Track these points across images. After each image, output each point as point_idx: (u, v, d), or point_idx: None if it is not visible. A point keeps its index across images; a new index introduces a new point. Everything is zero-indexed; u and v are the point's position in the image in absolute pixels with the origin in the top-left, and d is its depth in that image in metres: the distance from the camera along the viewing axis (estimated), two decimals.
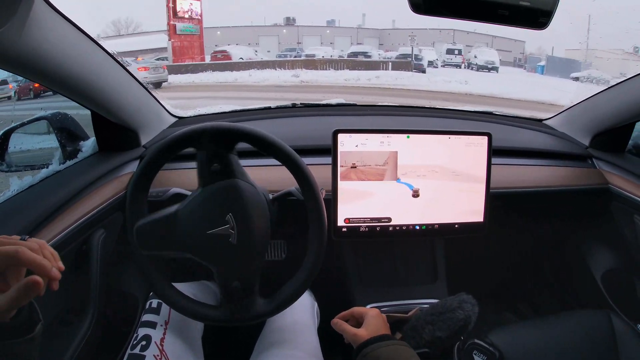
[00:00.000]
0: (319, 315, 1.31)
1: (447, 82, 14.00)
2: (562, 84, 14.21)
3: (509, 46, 26.38)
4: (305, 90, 13.37)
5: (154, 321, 1.05)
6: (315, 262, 0.96)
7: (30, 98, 15.30)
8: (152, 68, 14.03)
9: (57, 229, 1.04)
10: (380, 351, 0.84)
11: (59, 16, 0.92)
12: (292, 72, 16.38)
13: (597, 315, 1.27)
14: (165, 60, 20.83)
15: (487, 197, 1.32)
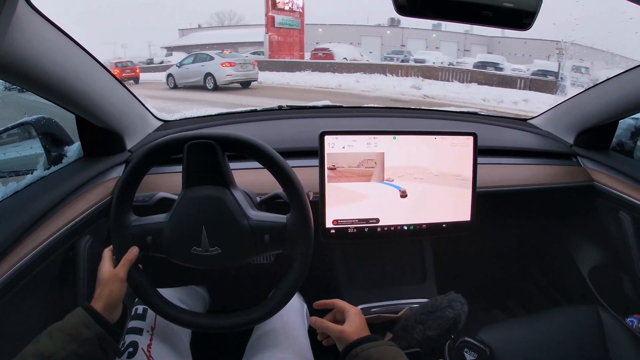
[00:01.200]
0: (308, 317, 1.31)
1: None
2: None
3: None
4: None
5: (140, 327, 1.05)
6: (303, 265, 0.95)
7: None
8: (240, 64, 13.56)
9: (43, 236, 1.03)
10: (371, 352, 0.83)
11: (42, 19, 0.91)
12: (409, 82, 13.92)
13: (585, 310, 1.29)
14: (261, 54, 20.32)
15: (473, 197, 1.33)
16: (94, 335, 0.81)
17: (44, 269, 1.01)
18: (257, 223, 0.93)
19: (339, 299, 1.00)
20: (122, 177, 0.94)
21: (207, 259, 0.93)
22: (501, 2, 0.87)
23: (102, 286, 0.89)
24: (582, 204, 1.64)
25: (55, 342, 0.77)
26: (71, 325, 0.81)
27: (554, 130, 1.76)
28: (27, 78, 0.93)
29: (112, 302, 0.88)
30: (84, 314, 0.83)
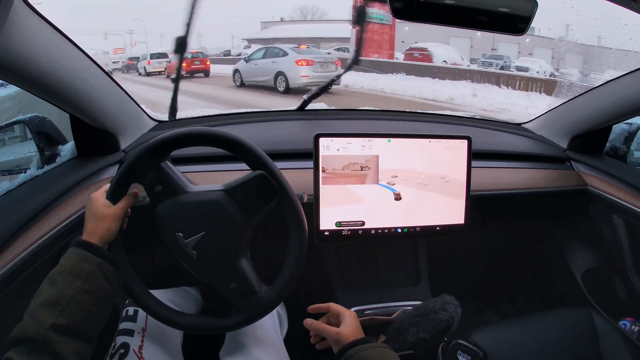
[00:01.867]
0: (281, 316, 1.32)
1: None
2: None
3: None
4: None
5: (131, 329, 1.04)
6: (296, 267, 0.95)
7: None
8: (319, 62, 11.08)
9: (36, 235, 1.03)
10: (366, 353, 0.83)
11: (38, 18, 0.91)
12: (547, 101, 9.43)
13: (578, 313, 1.29)
14: (346, 51, 17.90)
15: (467, 200, 1.33)
16: (96, 267, 0.82)
17: (36, 269, 1.01)
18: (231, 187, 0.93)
19: (333, 303, 1.00)
20: (116, 176, 0.94)
21: (180, 252, 0.93)
22: (496, 7, 0.89)
23: (97, 221, 0.89)
24: (576, 207, 1.65)
25: (59, 285, 0.78)
26: (70, 265, 0.81)
27: (547, 135, 1.77)
28: (22, 76, 0.93)
29: (107, 239, 0.89)
30: (80, 251, 0.83)
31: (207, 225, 0.92)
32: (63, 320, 0.74)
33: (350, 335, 0.89)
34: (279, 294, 0.96)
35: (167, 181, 0.94)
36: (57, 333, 0.73)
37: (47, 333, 0.72)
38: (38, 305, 0.76)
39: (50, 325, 0.73)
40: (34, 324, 0.73)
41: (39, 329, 0.72)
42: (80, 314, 0.77)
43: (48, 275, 0.80)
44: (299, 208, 0.95)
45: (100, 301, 0.82)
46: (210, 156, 1.37)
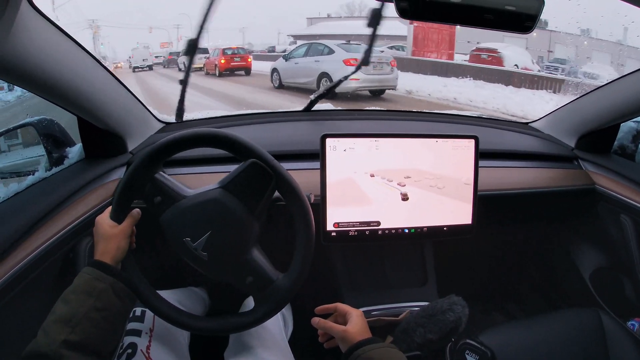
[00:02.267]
0: (289, 322, 1.32)
1: None
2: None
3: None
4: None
5: (138, 329, 1.05)
6: (303, 267, 0.96)
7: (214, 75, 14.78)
8: (371, 63, 8.61)
9: (44, 237, 1.03)
10: (372, 353, 0.83)
11: (45, 21, 0.92)
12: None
13: (586, 313, 1.29)
14: (400, 50, 16.28)
15: (474, 200, 1.33)
16: (107, 286, 0.83)
17: (44, 271, 1.01)
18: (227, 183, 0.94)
19: (340, 303, 1.00)
20: (124, 178, 0.95)
21: (192, 257, 0.94)
22: (503, 6, 0.89)
23: (105, 241, 0.90)
24: (584, 207, 1.64)
25: (72, 304, 0.79)
26: (83, 284, 0.83)
27: (555, 134, 1.75)
28: (29, 79, 0.94)
29: (118, 258, 0.90)
30: (93, 270, 0.85)
31: (211, 224, 0.92)
32: (75, 337, 0.76)
33: (357, 334, 0.90)
34: (297, 279, 0.96)
35: (164, 191, 0.94)
36: (69, 349, 0.74)
37: (59, 349, 0.73)
38: (51, 322, 0.77)
39: (62, 341, 0.74)
40: (47, 340, 0.74)
41: (52, 344, 0.74)
42: (92, 331, 0.78)
43: (62, 295, 0.82)
44: (297, 186, 0.96)
45: (111, 318, 0.83)
46: (206, 158, 1.38)
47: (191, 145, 0.94)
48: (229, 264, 0.95)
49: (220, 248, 0.93)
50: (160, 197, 0.94)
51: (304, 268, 0.96)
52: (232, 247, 0.94)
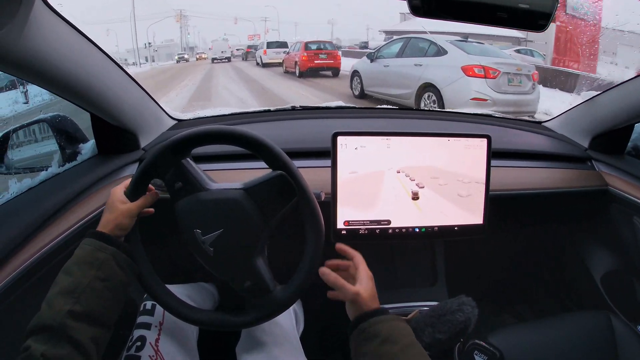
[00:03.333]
0: (298, 315, 1.32)
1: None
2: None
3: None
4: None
5: (148, 322, 1.07)
6: (302, 283, 0.95)
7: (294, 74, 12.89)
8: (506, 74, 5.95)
9: (56, 232, 1.05)
10: (379, 327, 0.82)
11: (58, 18, 0.93)
12: None
13: (596, 316, 1.27)
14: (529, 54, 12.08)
15: (486, 199, 1.32)
16: (109, 256, 0.84)
17: (55, 265, 1.01)
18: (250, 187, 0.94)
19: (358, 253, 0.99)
20: (136, 173, 0.95)
21: (198, 249, 0.94)
22: (516, 3, 0.88)
23: (109, 213, 0.91)
24: (596, 208, 1.62)
25: (74, 275, 0.80)
26: (84, 255, 0.84)
27: (568, 134, 1.74)
28: (43, 76, 0.95)
29: (118, 233, 0.90)
30: (94, 241, 0.85)
31: (225, 223, 0.92)
32: (79, 307, 0.76)
33: (367, 300, 0.88)
34: (293, 293, 0.96)
35: (187, 178, 0.94)
36: (74, 319, 0.75)
37: (64, 320, 0.74)
38: (55, 294, 0.78)
39: (66, 312, 0.75)
40: (51, 312, 0.75)
41: (56, 316, 0.74)
42: (96, 301, 0.79)
43: (64, 267, 0.82)
44: (317, 209, 0.95)
45: (114, 288, 0.84)
46: (227, 154, 1.38)
47: (224, 141, 0.94)
48: (232, 264, 0.95)
49: (227, 248, 0.93)
50: (182, 184, 0.94)
51: (303, 284, 0.95)
52: (239, 250, 0.94)
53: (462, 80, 5.92)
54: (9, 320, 0.91)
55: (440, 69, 6.27)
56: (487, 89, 5.83)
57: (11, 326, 0.90)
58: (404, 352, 0.78)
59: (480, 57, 6.15)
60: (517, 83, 6.11)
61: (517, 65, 6.31)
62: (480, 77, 5.86)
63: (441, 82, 6.12)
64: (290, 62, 13.74)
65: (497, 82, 5.89)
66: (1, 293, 0.89)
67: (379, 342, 0.79)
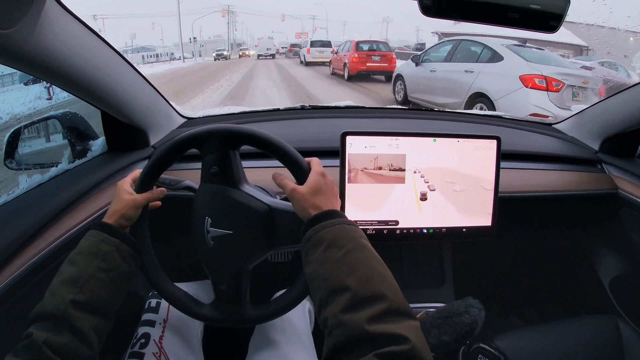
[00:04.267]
0: (312, 315, 1.31)
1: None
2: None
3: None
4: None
5: (152, 320, 1.07)
6: (293, 301, 0.95)
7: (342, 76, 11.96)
8: (570, 87, 5.18)
9: (65, 227, 1.06)
10: (324, 232, 0.78)
11: (70, 16, 0.93)
12: None
13: (604, 321, 1.27)
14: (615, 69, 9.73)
15: (495, 201, 1.31)
16: (113, 248, 0.85)
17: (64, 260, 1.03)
18: (276, 208, 0.92)
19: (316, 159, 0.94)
20: (144, 170, 0.96)
21: (199, 235, 0.93)
22: (527, 4, 0.87)
23: (117, 203, 0.91)
24: (606, 212, 1.61)
25: (78, 265, 0.81)
26: (88, 246, 0.84)
27: (579, 136, 1.72)
28: (55, 73, 0.95)
29: (123, 223, 0.90)
30: (98, 232, 0.86)
31: (236, 227, 0.92)
32: (82, 297, 0.77)
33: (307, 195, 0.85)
34: (262, 317, 0.97)
35: (226, 168, 0.93)
36: (76, 308, 0.75)
37: (67, 308, 0.74)
38: (58, 283, 0.78)
39: (70, 301, 0.75)
40: (54, 300, 0.75)
41: (59, 304, 0.75)
42: (99, 291, 0.80)
43: (68, 257, 0.83)
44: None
45: (117, 279, 0.84)
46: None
47: (257, 145, 0.91)
48: (221, 264, 0.95)
49: (226, 248, 0.93)
50: (218, 170, 0.93)
51: (275, 313, 0.96)
52: (234, 255, 0.94)
53: (520, 91, 5.19)
54: (18, 313, 0.90)
55: (494, 77, 5.57)
56: (549, 104, 5.03)
57: (20, 318, 0.89)
58: (348, 256, 0.74)
59: (542, 65, 5.35)
60: (583, 98, 5.26)
61: (584, 77, 5.44)
62: (542, 89, 5.10)
63: (495, 93, 5.43)
64: (338, 63, 12.76)
65: (561, 96, 5.10)
66: (11, 286, 0.89)
67: (324, 248, 0.76)
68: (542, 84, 5.07)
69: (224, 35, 40.11)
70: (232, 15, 39.55)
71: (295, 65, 17.77)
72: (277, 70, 16.48)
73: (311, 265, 0.77)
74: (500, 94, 5.33)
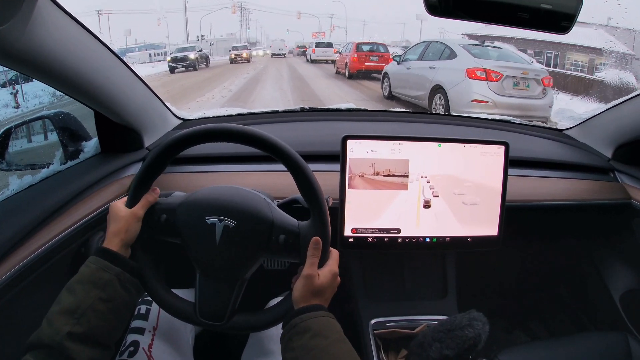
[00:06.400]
0: None
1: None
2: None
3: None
4: None
5: (142, 327, 1.05)
6: (277, 319, 0.93)
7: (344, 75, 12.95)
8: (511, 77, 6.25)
9: (56, 230, 1.04)
10: (311, 322, 0.80)
11: (63, 14, 0.92)
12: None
13: (613, 337, 1.24)
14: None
15: (502, 210, 1.27)
16: (113, 277, 0.82)
17: (55, 264, 1.02)
18: (277, 220, 0.91)
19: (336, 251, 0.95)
20: (139, 173, 0.93)
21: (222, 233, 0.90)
22: (538, 3, 0.86)
23: (116, 222, 0.88)
24: (618, 222, 1.56)
25: (77, 294, 0.78)
26: (89, 274, 0.81)
27: (591, 143, 1.68)
28: (47, 72, 0.95)
29: (127, 241, 0.88)
30: (99, 259, 0.83)
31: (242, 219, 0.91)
32: (79, 329, 0.75)
33: (299, 299, 0.85)
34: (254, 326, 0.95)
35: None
36: (73, 341, 0.73)
37: (63, 341, 0.72)
38: (56, 313, 0.76)
39: (66, 334, 0.73)
40: (51, 331, 0.74)
41: (55, 336, 0.73)
42: (97, 322, 0.77)
43: (67, 284, 0.81)
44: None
45: (116, 309, 0.82)
46: (215, 157, 1.39)
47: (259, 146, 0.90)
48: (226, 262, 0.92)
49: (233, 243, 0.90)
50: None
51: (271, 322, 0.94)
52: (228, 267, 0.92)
53: (464, 82, 6.23)
54: (7, 316, 0.91)
55: (448, 72, 6.61)
56: (489, 92, 6.10)
57: (9, 322, 0.91)
58: (333, 346, 0.77)
59: (485, 60, 6.44)
60: (524, 87, 6.30)
61: (523, 69, 6.44)
62: (482, 80, 6.15)
63: (448, 84, 6.46)
64: (341, 63, 13.60)
65: (500, 85, 6.15)
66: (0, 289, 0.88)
67: (310, 336, 0.78)
68: (482, 75, 6.15)
69: (238, 33, 40.23)
70: (245, 12, 39.58)
71: (302, 63, 20.71)
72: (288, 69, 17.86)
73: (294, 352, 0.78)
74: (451, 85, 6.42)
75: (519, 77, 6.26)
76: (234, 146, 0.92)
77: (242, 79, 13.92)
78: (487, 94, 6.08)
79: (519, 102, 6.19)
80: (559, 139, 1.75)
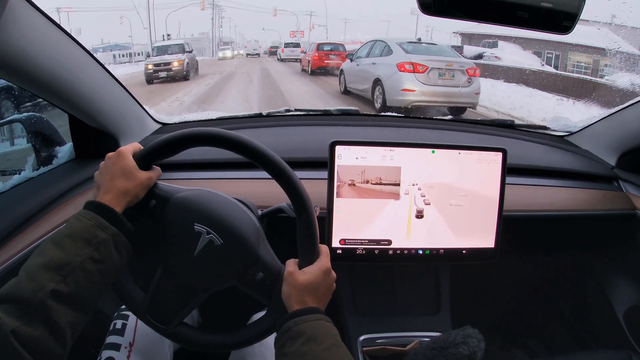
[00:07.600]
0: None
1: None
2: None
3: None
4: None
5: (118, 343, 1.02)
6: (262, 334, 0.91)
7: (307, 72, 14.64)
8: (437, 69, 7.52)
9: (29, 240, 1.03)
10: (304, 326, 0.78)
11: (36, 12, 0.90)
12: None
13: (616, 355, 1.22)
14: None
15: (499, 221, 1.23)
16: (109, 237, 0.77)
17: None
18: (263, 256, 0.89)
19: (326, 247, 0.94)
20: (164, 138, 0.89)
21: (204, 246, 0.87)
22: (539, 2, 0.85)
23: (130, 180, 0.84)
24: (622, 234, 1.51)
25: (66, 249, 0.73)
26: (82, 229, 0.76)
27: (594, 149, 1.64)
28: (19, 73, 0.94)
29: (130, 205, 0.84)
30: (95, 215, 0.77)
31: None
32: (65, 288, 0.69)
33: (291, 301, 0.83)
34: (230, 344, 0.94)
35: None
36: (56, 300, 0.68)
37: (45, 298, 0.67)
38: (39, 266, 0.70)
39: (50, 291, 0.68)
40: (32, 285, 0.68)
41: (38, 291, 0.67)
42: (84, 283, 0.72)
43: (53, 236, 0.75)
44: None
45: (106, 271, 0.76)
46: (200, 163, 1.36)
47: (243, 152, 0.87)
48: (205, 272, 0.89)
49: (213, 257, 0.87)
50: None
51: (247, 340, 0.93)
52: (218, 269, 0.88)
53: (396, 74, 7.45)
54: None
55: (385, 67, 7.87)
56: (416, 82, 7.28)
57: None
58: (327, 351, 0.75)
59: (415, 55, 7.62)
60: (449, 77, 7.48)
61: (447, 61, 7.66)
62: (410, 72, 7.35)
63: (384, 77, 7.74)
64: (305, 61, 15.45)
65: (426, 76, 7.31)
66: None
67: (303, 342, 0.76)
68: (410, 68, 7.36)
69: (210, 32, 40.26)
70: (217, 9, 39.60)
71: (273, 62, 24.06)
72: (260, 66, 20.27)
73: (287, 358, 0.76)
74: (387, 77, 7.67)
75: (444, 69, 7.45)
76: (214, 152, 0.89)
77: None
78: (415, 84, 7.27)
79: (444, 90, 7.41)
80: (559, 146, 1.71)
